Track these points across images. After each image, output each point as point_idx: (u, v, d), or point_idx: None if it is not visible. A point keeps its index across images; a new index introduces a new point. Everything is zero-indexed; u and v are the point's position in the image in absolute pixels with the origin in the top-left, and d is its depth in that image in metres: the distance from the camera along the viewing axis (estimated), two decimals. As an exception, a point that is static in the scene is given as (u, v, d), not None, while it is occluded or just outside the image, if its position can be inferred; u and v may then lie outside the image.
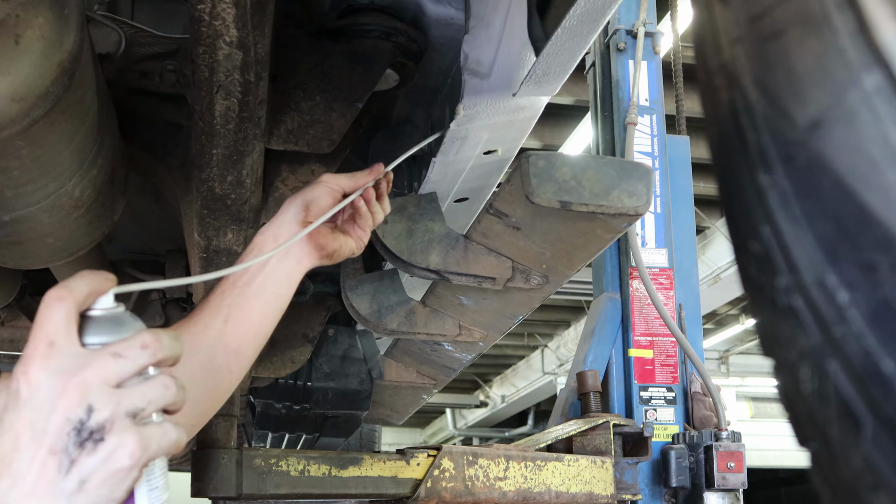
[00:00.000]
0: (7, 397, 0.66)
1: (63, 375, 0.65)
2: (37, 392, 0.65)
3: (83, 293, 0.69)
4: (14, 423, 0.65)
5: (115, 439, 0.65)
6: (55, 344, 0.67)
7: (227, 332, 1.07)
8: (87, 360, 0.67)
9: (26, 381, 0.65)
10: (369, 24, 1.37)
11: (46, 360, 0.66)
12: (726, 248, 6.41)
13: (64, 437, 0.64)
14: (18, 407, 0.65)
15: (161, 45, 1.44)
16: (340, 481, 1.84)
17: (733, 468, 2.52)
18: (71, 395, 0.65)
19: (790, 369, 0.46)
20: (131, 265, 2.34)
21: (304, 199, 1.16)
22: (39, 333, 0.67)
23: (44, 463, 0.64)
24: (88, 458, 0.64)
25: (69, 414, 0.65)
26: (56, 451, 0.64)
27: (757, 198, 0.45)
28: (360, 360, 2.60)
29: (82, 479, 0.64)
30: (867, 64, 0.39)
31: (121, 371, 0.67)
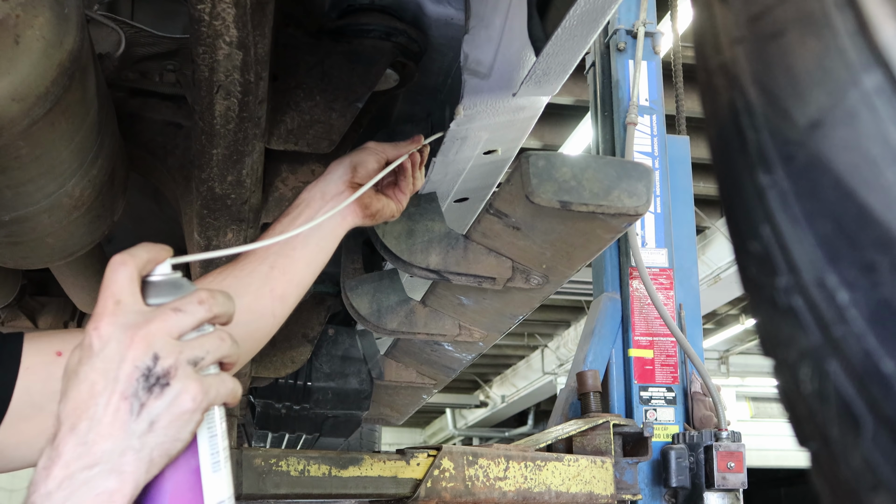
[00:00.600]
0: (81, 352, 0.73)
1: (130, 329, 0.73)
2: (107, 344, 0.72)
3: (143, 259, 0.77)
4: (89, 374, 0.72)
5: (178, 384, 0.72)
6: (121, 302, 0.74)
7: (273, 277, 1.14)
8: (151, 315, 0.74)
9: (97, 335, 0.73)
10: (369, 24, 1.37)
11: (114, 316, 0.73)
12: (726, 248, 6.41)
13: (133, 382, 0.72)
14: (92, 359, 0.72)
15: (161, 45, 1.44)
16: (340, 481, 1.84)
17: (733, 468, 2.52)
18: (138, 345, 0.72)
19: (790, 369, 0.46)
20: (131, 265, 2.33)
21: (352, 160, 1.24)
22: (107, 293, 0.75)
23: (117, 407, 0.71)
24: (156, 402, 0.72)
25: (137, 362, 0.72)
26: (127, 396, 0.71)
27: (757, 198, 0.45)
28: (360, 360, 2.60)
29: (151, 420, 0.71)
30: (867, 64, 0.39)
31: (181, 324, 0.75)
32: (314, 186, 1.23)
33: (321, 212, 1.18)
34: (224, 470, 0.77)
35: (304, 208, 1.20)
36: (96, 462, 0.69)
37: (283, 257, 1.15)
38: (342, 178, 1.23)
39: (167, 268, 0.79)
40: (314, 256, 1.20)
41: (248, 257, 1.15)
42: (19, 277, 2.14)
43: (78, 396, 0.72)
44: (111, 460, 0.70)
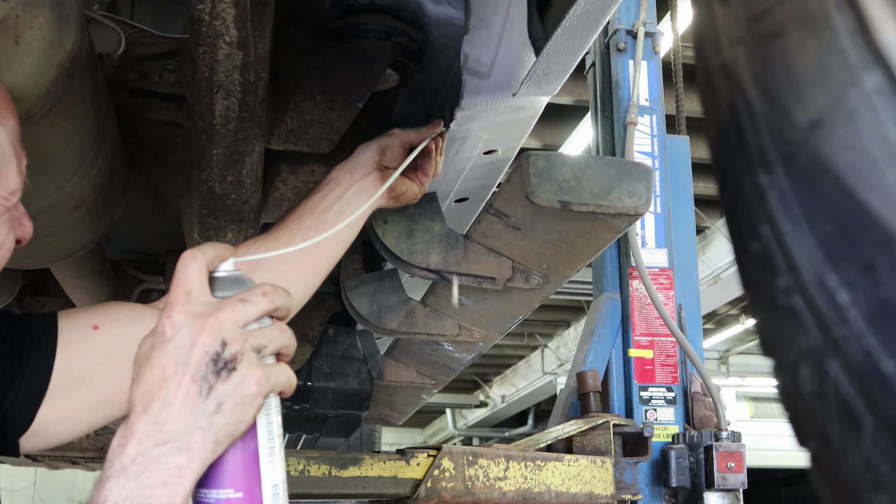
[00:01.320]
0: (153, 339, 0.78)
1: (201, 317, 0.78)
2: (179, 331, 0.77)
3: (211, 256, 0.83)
4: (161, 358, 0.77)
5: (244, 369, 0.77)
6: (192, 293, 0.79)
7: (307, 248, 1.18)
8: (219, 305, 0.79)
9: (170, 323, 0.78)
10: (369, 24, 1.37)
11: (185, 305, 0.78)
12: (726, 248, 6.41)
13: (203, 366, 0.76)
14: (164, 344, 0.77)
15: (161, 45, 1.44)
16: (340, 481, 1.84)
17: (733, 468, 2.52)
18: (208, 332, 0.77)
19: (790, 369, 0.46)
20: (131, 265, 2.33)
21: (380, 144, 1.31)
22: (178, 285, 0.80)
23: (187, 389, 0.76)
24: (223, 385, 0.77)
25: (207, 348, 0.77)
26: (197, 379, 0.76)
27: (757, 198, 0.45)
28: (360, 360, 2.60)
29: (219, 402, 0.76)
30: (867, 64, 0.39)
31: (247, 313, 0.80)
32: (343, 166, 1.29)
33: (350, 190, 1.26)
34: (279, 455, 0.82)
35: (333, 186, 1.26)
36: (168, 440, 0.74)
37: (315, 231, 1.21)
38: (370, 161, 1.29)
39: (230, 265, 0.85)
40: (344, 231, 1.26)
41: (281, 229, 1.22)
42: (19, 277, 2.14)
43: (150, 380, 0.76)
44: (181, 438, 0.74)
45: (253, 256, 0.97)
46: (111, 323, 1.07)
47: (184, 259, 0.81)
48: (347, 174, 1.28)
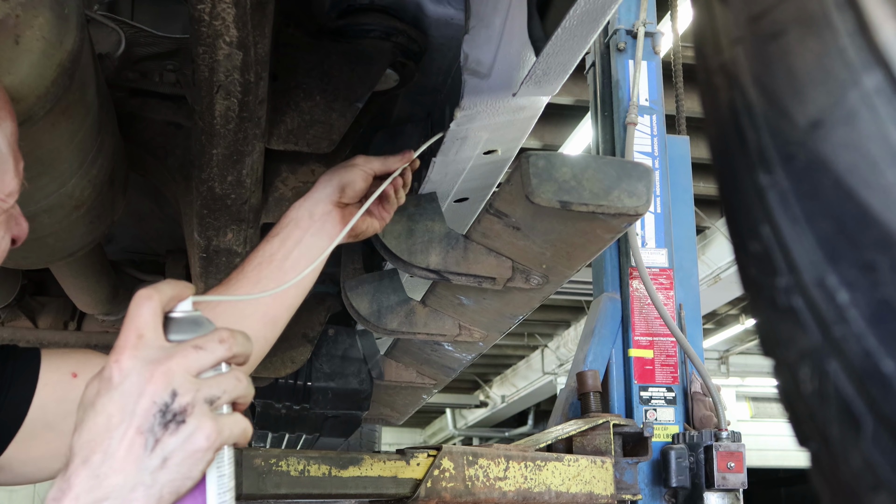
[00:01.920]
0: (99, 384, 0.73)
1: (151, 364, 0.73)
2: (127, 378, 0.72)
3: (168, 296, 0.78)
4: (107, 406, 0.72)
5: (194, 422, 0.72)
6: (144, 336, 0.75)
7: (265, 301, 1.14)
8: (172, 352, 0.75)
9: (118, 368, 0.73)
10: (369, 24, 1.37)
11: (136, 350, 0.74)
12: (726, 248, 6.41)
13: (150, 417, 0.72)
14: (111, 391, 0.72)
15: (161, 45, 1.44)
16: (340, 481, 1.84)
17: (733, 468, 2.52)
18: (158, 381, 0.72)
19: (790, 369, 0.46)
20: (131, 265, 2.34)
21: (341, 180, 1.24)
22: (130, 327, 0.75)
23: (132, 441, 0.71)
24: (171, 438, 0.72)
25: (155, 398, 0.72)
26: (143, 431, 0.71)
27: (757, 198, 0.45)
28: (360, 360, 2.60)
29: (165, 456, 0.71)
30: (867, 64, 0.39)
31: (201, 361, 0.75)
32: (301, 205, 1.22)
33: (308, 233, 1.20)
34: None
35: (293, 228, 1.20)
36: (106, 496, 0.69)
37: (274, 281, 1.15)
38: (330, 199, 1.23)
39: (189, 305, 0.80)
40: (304, 279, 1.20)
41: (240, 279, 1.15)
42: (19, 277, 2.14)
43: (94, 428, 0.72)
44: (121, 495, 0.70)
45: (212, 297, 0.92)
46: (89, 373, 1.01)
47: (138, 299, 0.77)
48: (307, 215, 1.22)
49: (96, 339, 2.46)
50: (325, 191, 1.24)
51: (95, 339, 2.46)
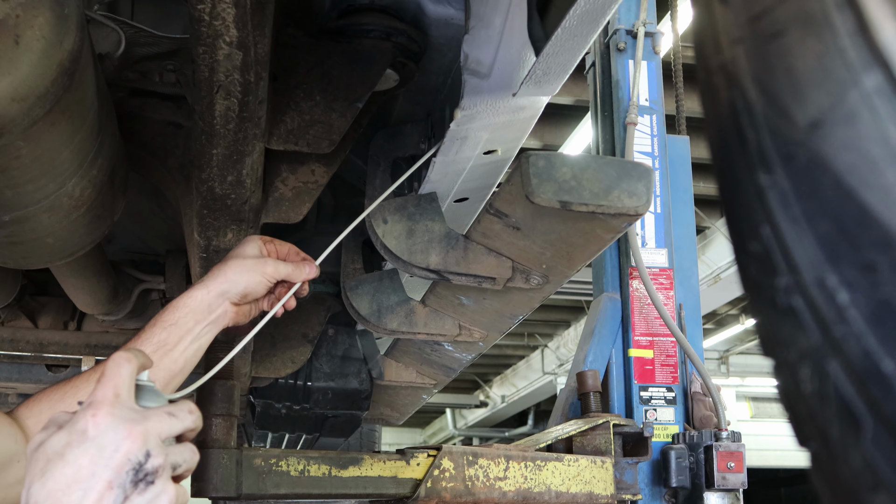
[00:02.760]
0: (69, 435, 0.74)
1: (128, 423, 0.76)
2: (104, 433, 0.74)
3: (140, 362, 0.82)
4: (78, 458, 0.73)
5: (161, 485, 0.76)
6: (120, 396, 0.78)
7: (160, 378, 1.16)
8: (147, 414, 0.78)
9: (94, 422, 0.75)
10: (369, 24, 1.37)
11: (113, 407, 0.76)
12: (726, 248, 6.41)
13: (123, 474, 0.74)
14: (84, 444, 0.74)
15: (161, 45, 1.44)
16: (340, 481, 1.84)
17: (733, 468, 2.52)
18: (135, 439, 0.75)
19: (790, 369, 0.46)
20: (131, 265, 2.34)
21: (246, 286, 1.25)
22: (108, 385, 0.78)
23: (102, 495, 0.72)
24: (138, 497, 0.74)
25: (130, 455, 0.74)
26: (113, 486, 0.73)
27: (757, 198, 0.45)
28: (360, 360, 2.60)
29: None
30: (867, 64, 0.39)
31: (172, 428, 0.80)
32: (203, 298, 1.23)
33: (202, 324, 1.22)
34: None
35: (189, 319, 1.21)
36: None
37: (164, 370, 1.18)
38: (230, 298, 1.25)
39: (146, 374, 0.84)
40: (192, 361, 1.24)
41: None
42: (19, 277, 2.14)
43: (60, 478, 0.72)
44: None
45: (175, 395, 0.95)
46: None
47: (118, 360, 0.80)
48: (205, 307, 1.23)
49: (96, 339, 2.46)
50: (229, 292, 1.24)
51: (95, 339, 2.46)
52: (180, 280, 2.23)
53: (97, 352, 2.41)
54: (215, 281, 1.25)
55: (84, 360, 2.41)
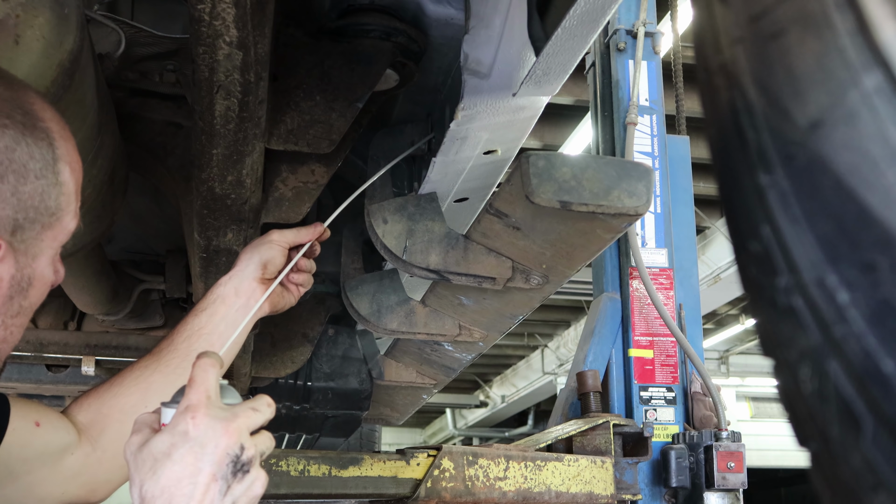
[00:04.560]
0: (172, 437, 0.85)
1: (223, 421, 0.86)
2: (204, 432, 0.85)
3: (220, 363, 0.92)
4: (184, 456, 0.84)
5: (255, 472, 0.87)
6: (211, 398, 0.88)
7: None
8: (236, 412, 0.88)
9: (194, 423, 0.85)
10: (369, 24, 1.37)
11: (208, 409, 0.87)
12: (726, 248, 6.41)
13: (224, 466, 0.85)
14: (188, 443, 0.84)
15: (161, 45, 1.44)
16: (340, 481, 1.84)
17: (733, 468, 2.52)
18: (231, 435, 0.86)
19: (790, 369, 0.46)
20: (131, 265, 2.34)
21: (262, 258, 1.31)
22: (200, 389, 0.88)
23: (208, 486, 0.84)
24: (238, 486, 0.86)
25: (229, 450, 0.85)
26: (217, 478, 0.84)
27: (757, 198, 0.45)
28: (360, 360, 2.60)
29: (234, 500, 0.85)
30: (867, 64, 0.39)
31: (257, 421, 0.90)
32: (227, 283, 1.30)
33: (234, 308, 1.29)
34: None
35: (219, 304, 1.28)
36: None
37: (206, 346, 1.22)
38: (253, 276, 1.30)
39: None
40: (231, 352, 1.29)
41: (169, 353, 1.24)
42: (19, 277, 2.13)
43: (171, 475, 0.83)
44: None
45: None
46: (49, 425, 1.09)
47: (204, 365, 0.90)
48: (233, 291, 1.29)
49: (96, 339, 2.45)
50: (249, 269, 1.31)
51: (95, 339, 2.45)
52: (180, 280, 2.23)
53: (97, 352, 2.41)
54: (234, 268, 1.32)
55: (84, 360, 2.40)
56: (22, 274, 0.87)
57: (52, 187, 0.88)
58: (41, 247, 0.89)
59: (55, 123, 0.89)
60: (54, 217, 0.89)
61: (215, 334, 1.26)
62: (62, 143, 0.90)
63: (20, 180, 0.84)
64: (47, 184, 0.87)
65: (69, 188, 0.91)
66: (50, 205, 0.88)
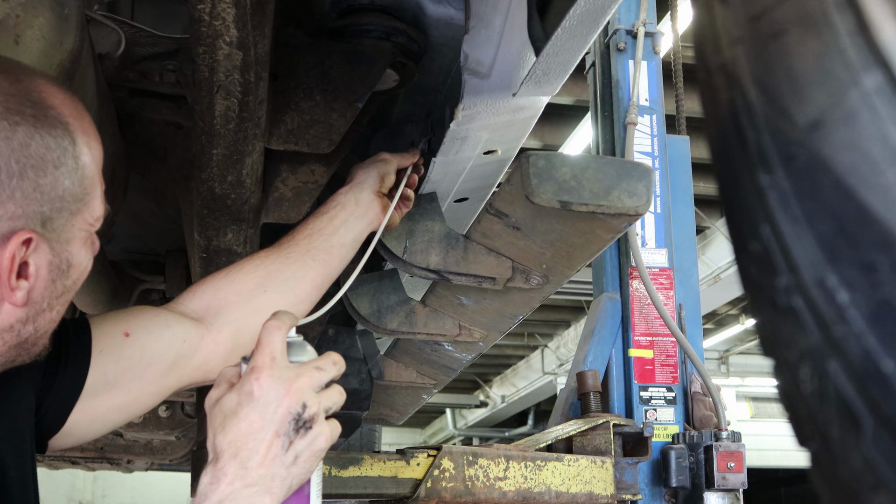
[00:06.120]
0: (239, 396, 0.90)
1: (285, 381, 0.91)
2: (267, 393, 0.90)
3: (288, 324, 0.95)
4: (249, 414, 0.89)
5: (318, 428, 0.92)
6: (276, 359, 0.92)
7: (314, 268, 1.32)
8: (299, 371, 0.93)
9: (258, 385, 0.90)
10: (369, 24, 1.37)
11: (272, 370, 0.91)
12: (726, 248, 6.41)
13: (286, 424, 0.90)
14: (252, 403, 0.90)
15: (161, 45, 1.44)
16: (340, 481, 1.84)
17: (733, 468, 2.52)
18: (293, 395, 0.91)
19: (790, 369, 0.46)
20: (131, 265, 2.33)
21: (379, 170, 1.41)
22: (265, 351, 0.92)
23: (271, 443, 0.89)
24: (301, 441, 0.91)
25: (290, 409, 0.90)
26: (280, 435, 0.90)
27: (757, 198, 0.45)
28: (360, 360, 2.60)
29: (296, 454, 0.91)
30: (867, 64, 0.39)
31: (322, 379, 0.94)
32: (348, 192, 1.38)
33: (353, 215, 1.37)
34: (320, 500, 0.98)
35: (339, 210, 1.36)
36: (254, 483, 0.88)
37: (324, 252, 1.32)
38: (372, 188, 1.39)
39: (294, 332, 0.98)
40: (346, 254, 1.38)
41: (290, 247, 1.32)
42: (19, 277, 2.13)
43: (238, 431, 0.89)
44: (265, 483, 0.89)
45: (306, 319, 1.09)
46: (140, 330, 1.14)
47: (269, 328, 0.94)
48: (353, 200, 1.37)
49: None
50: (369, 180, 1.39)
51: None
52: (180, 280, 2.23)
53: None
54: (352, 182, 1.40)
55: (84, 360, 2.40)
56: (60, 258, 0.91)
57: (74, 173, 0.90)
58: (73, 231, 0.92)
59: (67, 107, 0.90)
60: (81, 202, 0.92)
61: (335, 236, 1.34)
62: (77, 124, 0.91)
63: (40, 174, 0.86)
64: (68, 170, 0.89)
65: (91, 170, 0.93)
66: (75, 191, 0.90)
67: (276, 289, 1.26)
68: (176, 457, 4.18)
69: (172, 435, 3.51)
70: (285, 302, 1.24)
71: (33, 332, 0.91)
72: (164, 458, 4.21)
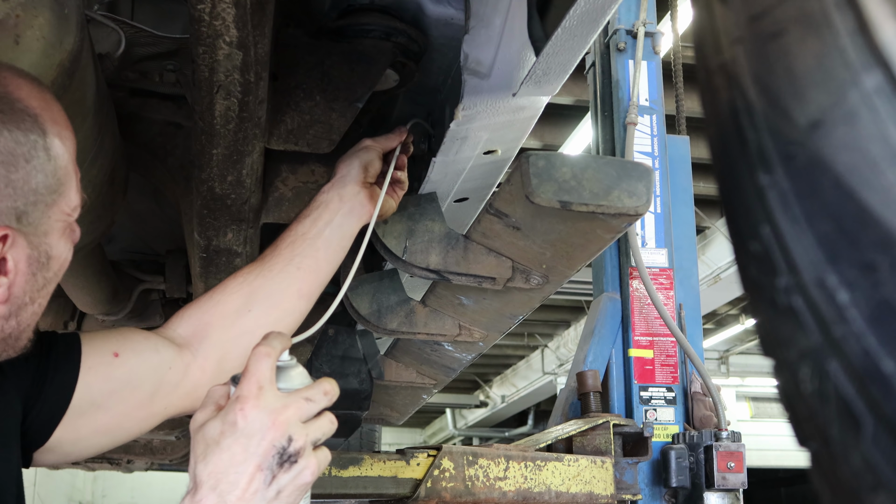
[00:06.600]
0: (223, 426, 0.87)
1: (272, 413, 0.87)
2: (251, 424, 0.87)
3: (279, 350, 0.92)
4: (231, 446, 0.86)
5: (304, 461, 0.89)
6: (263, 388, 0.89)
7: (299, 277, 1.25)
8: (286, 402, 0.89)
9: (242, 415, 0.87)
10: (369, 24, 1.37)
11: (258, 400, 0.88)
12: (726, 248, 6.41)
13: (269, 458, 0.87)
14: (235, 434, 0.87)
15: (161, 45, 1.44)
16: (340, 481, 1.84)
17: (733, 468, 2.52)
18: (278, 428, 0.87)
19: (790, 369, 0.46)
20: (131, 265, 2.33)
21: (361, 161, 1.32)
22: (252, 380, 0.89)
23: (252, 476, 0.86)
24: (285, 475, 0.87)
25: (275, 442, 0.87)
26: (262, 469, 0.86)
27: (757, 198, 0.45)
28: (360, 360, 2.60)
29: (279, 489, 0.87)
30: (867, 64, 0.39)
31: (310, 411, 0.91)
32: (331, 189, 1.30)
33: (339, 213, 1.29)
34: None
35: (323, 210, 1.29)
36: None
37: (309, 258, 1.26)
38: (356, 180, 1.31)
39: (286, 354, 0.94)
40: (335, 256, 1.30)
41: (273, 258, 1.25)
42: (19, 277, 2.13)
43: (219, 462, 0.86)
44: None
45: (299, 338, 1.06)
46: (129, 352, 1.12)
47: (257, 354, 0.90)
48: (336, 197, 1.30)
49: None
50: (351, 173, 1.31)
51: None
52: (180, 280, 2.23)
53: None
54: (334, 177, 1.32)
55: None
56: (39, 252, 0.90)
57: (46, 164, 0.88)
58: (50, 223, 0.91)
59: (34, 99, 0.89)
60: (56, 194, 0.90)
61: (320, 239, 1.27)
62: (47, 115, 0.89)
63: (10, 169, 0.85)
64: (39, 163, 0.88)
65: (64, 160, 0.91)
66: (49, 183, 0.89)
67: (259, 306, 1.21)
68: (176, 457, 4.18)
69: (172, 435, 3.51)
70: (271, 318, 1.21)
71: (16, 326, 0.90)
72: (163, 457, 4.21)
